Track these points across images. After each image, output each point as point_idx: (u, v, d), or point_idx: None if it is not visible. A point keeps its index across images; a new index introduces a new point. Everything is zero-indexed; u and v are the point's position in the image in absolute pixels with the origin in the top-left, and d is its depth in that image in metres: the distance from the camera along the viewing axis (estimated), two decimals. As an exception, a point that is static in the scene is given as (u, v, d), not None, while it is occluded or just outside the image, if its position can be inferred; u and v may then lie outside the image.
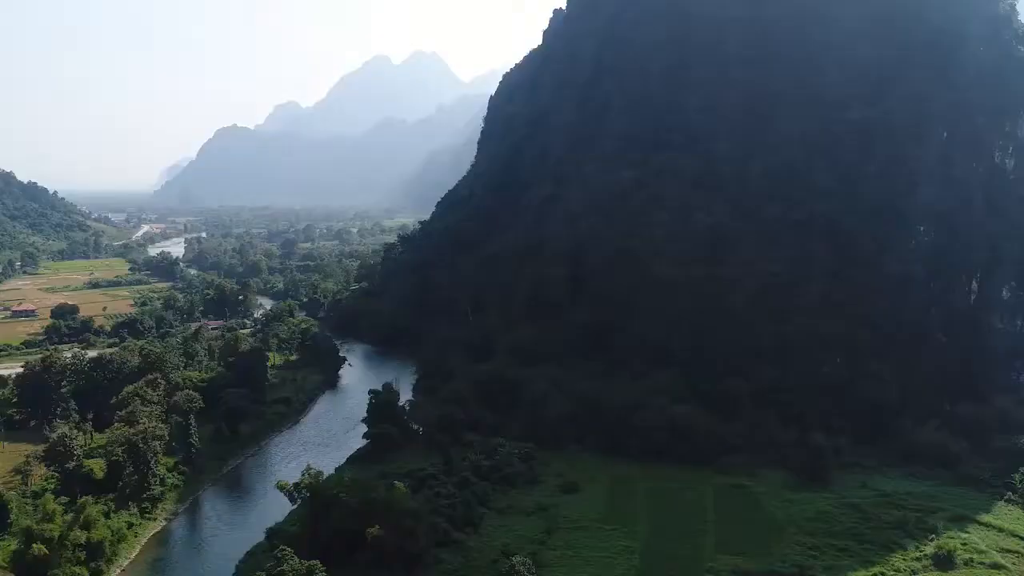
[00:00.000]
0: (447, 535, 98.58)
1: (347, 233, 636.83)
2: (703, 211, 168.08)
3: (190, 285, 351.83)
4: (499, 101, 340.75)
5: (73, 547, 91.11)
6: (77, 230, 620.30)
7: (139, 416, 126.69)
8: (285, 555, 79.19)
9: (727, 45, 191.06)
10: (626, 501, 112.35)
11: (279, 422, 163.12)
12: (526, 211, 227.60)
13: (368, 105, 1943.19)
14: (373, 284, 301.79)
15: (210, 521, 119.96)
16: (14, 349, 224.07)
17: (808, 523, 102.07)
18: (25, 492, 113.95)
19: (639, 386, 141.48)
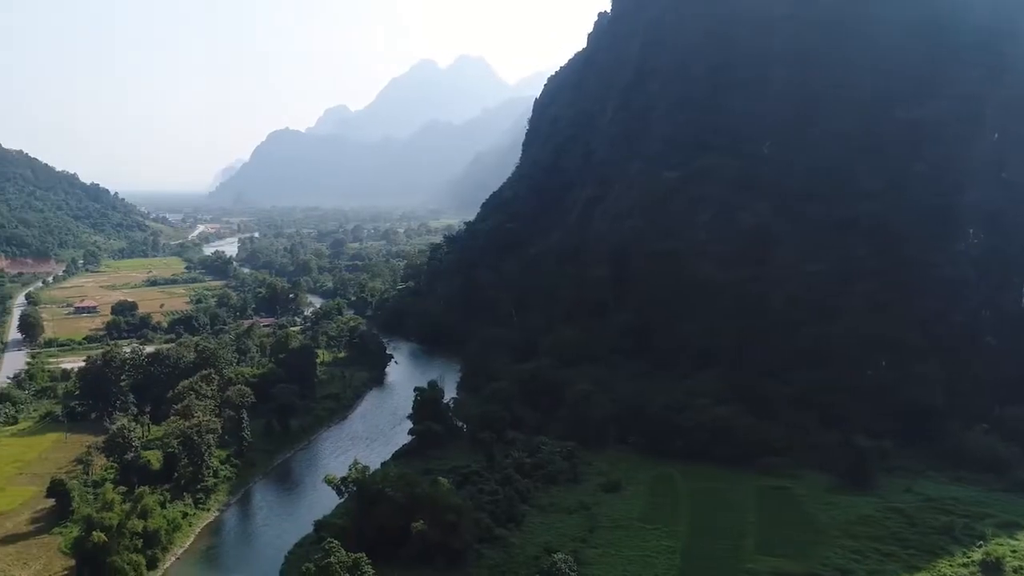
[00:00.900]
0: (490, 531, 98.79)
1: (394, 233, 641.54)
2: (746, 212, 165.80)
3: (243, 283, 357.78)
4: (543, 103, 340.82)
5: (131, 535, 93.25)
6: (136, 230, 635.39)
7: (194, 410, 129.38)
8: (332, 547, 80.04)
9: (771, 45, 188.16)
10: (667, 501, 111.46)
11: (327, 417, 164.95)
12: (569, 212, 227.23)
13: (415, 108, 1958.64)
14: (419, 284, 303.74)
15: (261, 512, 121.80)
16: (77, 344, 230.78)
17: (851, 526, 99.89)
18: (86, 481, 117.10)
19: (681, 387, 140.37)
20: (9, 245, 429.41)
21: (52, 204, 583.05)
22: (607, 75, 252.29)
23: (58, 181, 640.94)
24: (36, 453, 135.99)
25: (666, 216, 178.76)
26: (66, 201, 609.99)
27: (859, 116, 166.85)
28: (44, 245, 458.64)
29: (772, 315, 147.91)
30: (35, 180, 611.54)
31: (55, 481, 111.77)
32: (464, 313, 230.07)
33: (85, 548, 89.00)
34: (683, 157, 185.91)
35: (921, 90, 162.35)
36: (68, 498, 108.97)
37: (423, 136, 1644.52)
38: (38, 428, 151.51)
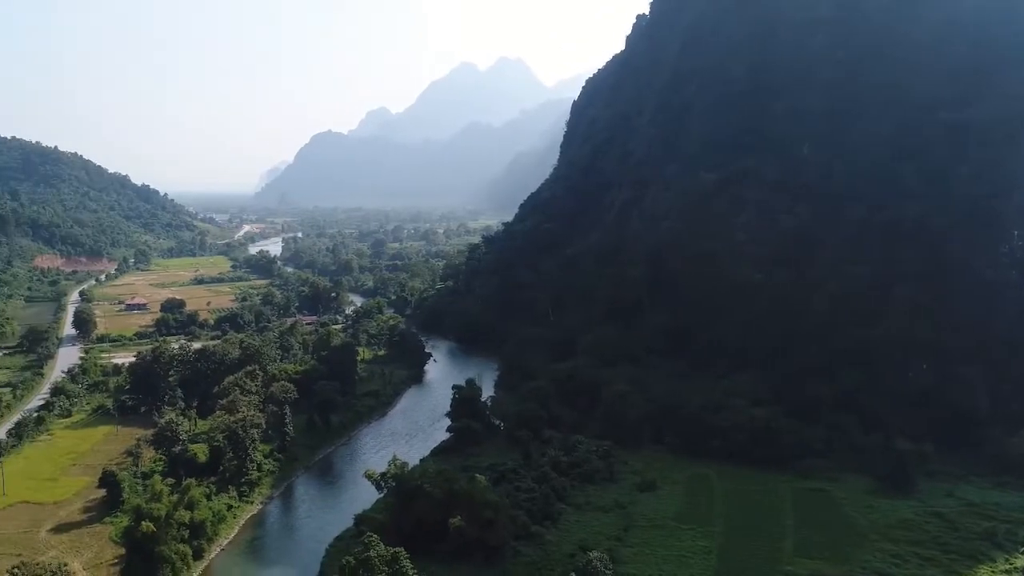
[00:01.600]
0: (526, 528, 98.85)
1: (434, 234, 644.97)
2: (785, 213, 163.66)
3: (286, 282, 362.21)
4: (581, 105, 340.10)
5: (178, 526, 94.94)
6: (184, 229, 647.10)
7: (239, 405, 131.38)
8: (372, 541, 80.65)
9: (812, 46, 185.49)
10: (703, 501, 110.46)
11: (368, 414, 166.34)
12: (607, 213, 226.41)
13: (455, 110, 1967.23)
14: (458, 283, 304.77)
15: (302, 506, 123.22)
16: (127, 340, 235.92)
17: (890, 530, 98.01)
18: (136, 473, 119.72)
19: (718, 387, 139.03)
20: (64, 244, 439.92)
21: (105, 204, 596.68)
22: (645, 77, 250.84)
23: (111, 182, 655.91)
24: (89, 445, 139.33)
25: (704, 217, 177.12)
26: (118, 202, 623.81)
27: (902, 118, 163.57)
28: (97, 244, 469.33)
29: (812, 317, 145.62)
30: (89, 181, 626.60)
31: (106, 472, 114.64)
32: (502, 313, 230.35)
33: (134, 537, 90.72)
34: (722, 158, 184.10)
35: (965, 92, 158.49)
36: (118, 489, 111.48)
37: (463, 138, 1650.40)
38: (91, 421, 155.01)
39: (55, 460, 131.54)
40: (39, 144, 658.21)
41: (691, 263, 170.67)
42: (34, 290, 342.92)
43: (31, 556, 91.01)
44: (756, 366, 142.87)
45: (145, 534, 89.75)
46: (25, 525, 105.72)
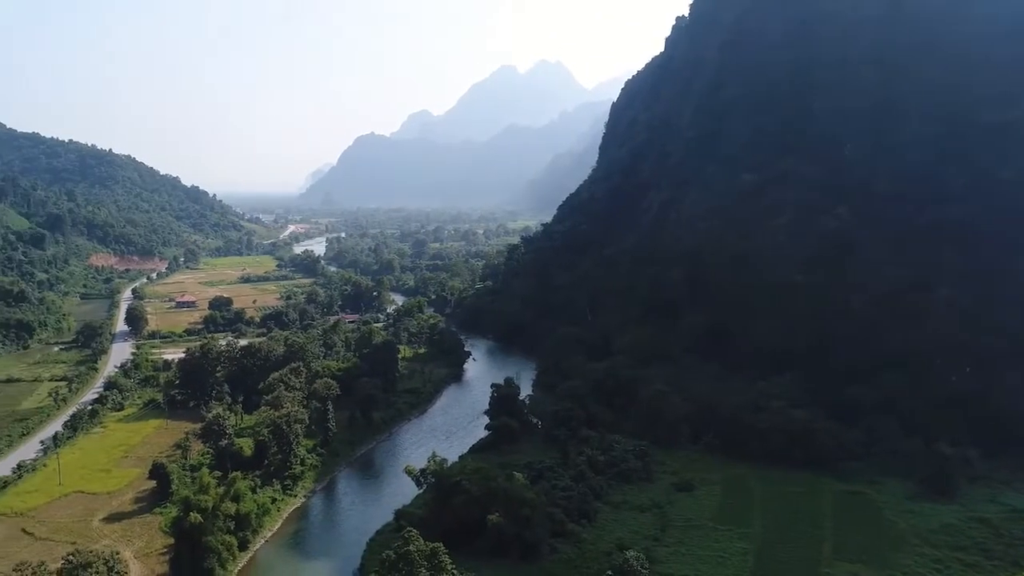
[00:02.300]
0: (563, 526, 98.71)
1: (473, 234, 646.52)
2: (826, 215, 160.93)
3: (330, 281, 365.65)
4: (620, 107, 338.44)
5: (224, 517, 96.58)
6: (232, 229, 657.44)
7: (283, 401, 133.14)
8: (411, 536, 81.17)
9: (855, 47, 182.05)
10: (741, 502, 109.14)
11: (408, 411, 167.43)
12: (645, 214, 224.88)
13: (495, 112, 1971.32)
14: (497, 283, 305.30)
15: (344, 500, 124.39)
16: (177, 336, 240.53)
17: (932, 535, 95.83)
18: (184, 465, 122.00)
19: (756, 388, 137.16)
20: (118, 243, 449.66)
21: (156, 205, 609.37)
22: (684, 79, 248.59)
23: (162, 184, 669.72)
24: (140, 438, 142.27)
25: (743, 218, 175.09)
26: (169, 202, 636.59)
27: (947, 118, 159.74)
28: (149, 243, 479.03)
29: (851, 319, 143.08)
30: (141, 183, 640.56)
31: (156, 464, 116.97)
32: (540, 312, 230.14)
33: (183, 528, 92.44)
34: (761, 159, 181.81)
35: (1010, 93, 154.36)
36: (168, 480, 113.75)
37: (502, 139, 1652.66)
38: (142, 414, 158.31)
39: (108, 452, 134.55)
40: (94, 147, 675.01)
41: (729, 264, 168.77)
42: (89, 287, 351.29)
43: (85, 544, 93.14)
44: (794, 368, 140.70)
45: (193, 525, 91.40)
46: (79, 514, 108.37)
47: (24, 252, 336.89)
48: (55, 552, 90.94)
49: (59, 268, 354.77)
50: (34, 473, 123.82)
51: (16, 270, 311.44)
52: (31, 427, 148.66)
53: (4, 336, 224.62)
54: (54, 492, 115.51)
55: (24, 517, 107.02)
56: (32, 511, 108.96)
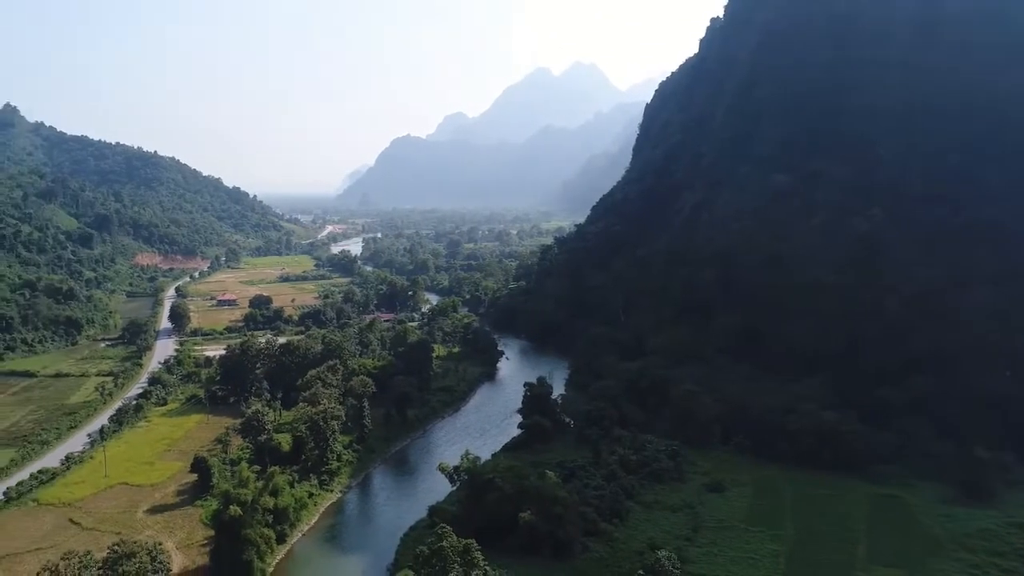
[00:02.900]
0: (594, 525, 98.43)
1: (507, 235, 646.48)
2: (859, 216, 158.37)
3: (366, 281, 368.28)
4: (654, 108, 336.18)
5: (263, 511, 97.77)
6: (272, 230, 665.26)
7: (320, 397, 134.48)
8: (444, 532, 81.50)
9: (890, 46, 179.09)
10: (773, 504, 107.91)
11: (442, 409, 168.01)
12: (678, 214, 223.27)
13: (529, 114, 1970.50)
14: (530, 283, 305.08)
15: (379, 495, 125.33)
16: (218, 334, 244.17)
17: (968, 540, 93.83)
18: (224, 459, 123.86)
19: (788, 390, 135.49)
20: (162, 243, 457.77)
21: (199, 206, 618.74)
22: (718, 80, 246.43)
23: (204, 185, 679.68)
24: (182, 432, 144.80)
25: (776, 219, 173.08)
26: (211, 203, 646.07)
27: (985, 119, 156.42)
28: (192, 243, 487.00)
29: (883, 320, 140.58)
30: (185, 184, 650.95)
31: (198, 458, 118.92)
32: (573, 312, 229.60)
33: (223, 520, 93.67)
34: (795, 160, 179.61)
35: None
36: (209, 474, 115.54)
37: (537, 141, 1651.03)
38: (184, 409, 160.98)
39: (152, 445, 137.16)
40: (140, 149, 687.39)
41: (762, 264, 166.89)
42: (134, 286, 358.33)
43: (129, 534, 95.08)
44: (825, 369, 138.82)
45: (233, 517, 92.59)
46: (124, 505, 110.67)
47: (73, 251, 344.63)
48: (101, 542, 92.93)
49: (106, 267, 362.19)
50: (81, 465, 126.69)
51: (65, 268, 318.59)
52: (79, 420, 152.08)
53: (54, 332, 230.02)
54: (100, 484, 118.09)
55: (72, 507, 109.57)
56: (79, 502, 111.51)
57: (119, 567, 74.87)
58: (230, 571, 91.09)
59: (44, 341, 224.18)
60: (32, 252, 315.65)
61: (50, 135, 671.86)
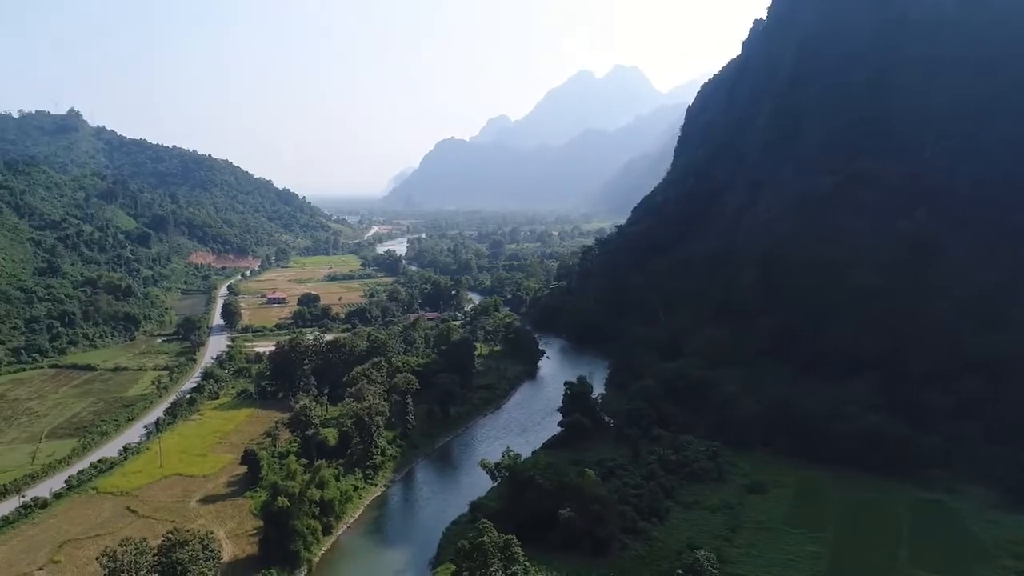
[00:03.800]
0: (633, 523, 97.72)
1: (548, 236, 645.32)
2: (906, 218, 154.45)
3: (410, 280, 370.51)
4: (696, 110, 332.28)
5: (309, 503, 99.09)
6: (320, 230, 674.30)
7: (365, 393, 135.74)
8: (485, 527, 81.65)
9: (940, 46, 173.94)
10: (814, 506, 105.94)
11: (483, 406, 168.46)
12: (720, 216, 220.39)
13: (571, 117, 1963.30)
14: (571, 283, 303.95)
15: (422, 490, 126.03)
16: (268, 330, 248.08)
17: (1016, 547, 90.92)
18: (273, 452, 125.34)
19: (830, 392, 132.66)
20: (215, 242, 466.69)
21: (251, 207, 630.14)
22: (761, 81, 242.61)
23: (256, 186, 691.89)
24: (233, 425, 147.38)
25: (819, 220, 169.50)
26: (262, 204, 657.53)
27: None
28: (244, 243, 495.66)
29: (931, 323, 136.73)
30: (237, 186, 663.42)
31: (248, 451, 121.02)
32: (613, 312, 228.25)
33: (271, 511, 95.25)
34: (839, 162, 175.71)
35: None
36: (258, 466, 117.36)
37: (578, 143, 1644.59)
38: (235, 403, 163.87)
39: (204, 438, 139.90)
40: (195, 152, 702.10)
41: (804, 266, 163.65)
42: (189, 283, 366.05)
43: (182, 523, 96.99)
44: (870, 371, 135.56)
45: (281, 509, 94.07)
46: (178, 495, 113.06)
47: (131, 250, 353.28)
48: (156, 530, 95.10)
49: (162, 265, 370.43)
50: (138, 455, 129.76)
51: (124, 267, 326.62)
52: (136, 413, 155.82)
53: (113, 328, 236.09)
54: (155, 474, 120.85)
55: (129, 496, 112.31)
56: (136, 491, 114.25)
57: (172, 554, 76.44)
58: (278, 560, 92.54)
59: (104, 336, 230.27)
60: (93, 251, 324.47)
61: (111, 139, 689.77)
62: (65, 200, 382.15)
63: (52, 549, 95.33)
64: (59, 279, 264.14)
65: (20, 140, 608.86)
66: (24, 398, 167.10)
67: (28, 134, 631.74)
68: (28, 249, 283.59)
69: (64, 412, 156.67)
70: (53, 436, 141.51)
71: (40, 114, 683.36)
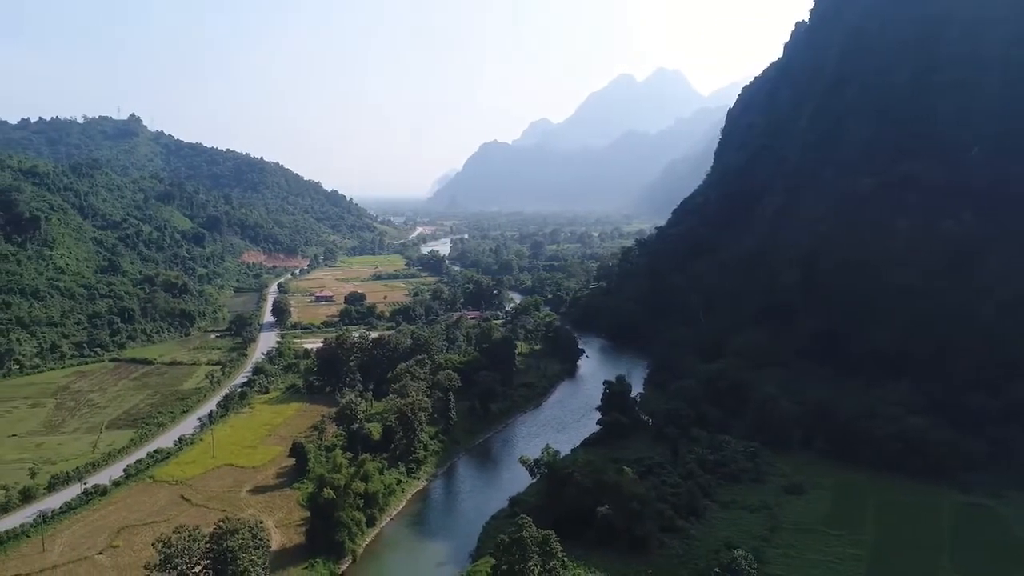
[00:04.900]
0: (671, 522, 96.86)
1: (588, 237, 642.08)
2: (950, 219, 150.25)
3: (453, 280, 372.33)
4: (736, 112, 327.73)
5: (354, 495, 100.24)
6: (366, 230, 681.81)
7: (409, 390, 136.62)
8: (524, 523, 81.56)
9: (984, 46, 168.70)
10: (854, 508, 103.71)
11: (523, 404, 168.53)
12: (760, 218, 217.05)
13: (612, 119, 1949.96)
14: (610, 284, 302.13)
15: (463, 485, 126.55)
16: (316, 328, 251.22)
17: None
18: (320, 445, 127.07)
19: (871, 394, 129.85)
20: (267, 242, 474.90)
21: (300, 208, 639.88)
22: (803, 84, 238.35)
23: (305, 188, 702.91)
24: (282, 419, 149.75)
25: (861, 222, 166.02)
26: (311, 205, 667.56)
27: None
28: (293, 243, 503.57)
29: (976, 326, 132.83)
30: (288, 187, 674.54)
31: (296, 444, 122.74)
32: (652, 313, 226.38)
33: (318, 503, 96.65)
34: (881, 164, 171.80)
35: None
36: (305, 459, 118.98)
37: (619, 146, 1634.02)
38: (284, 398, 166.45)
39: (254, 430, 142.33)
40: (248, 155, 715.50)
41: (846, 268, 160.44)
42: (241, 282, 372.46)
43: (233, 512, 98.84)
44: (911, 374, 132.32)
45: (327, 500, 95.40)
46: (229, 485, 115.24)
47: (187, 249, 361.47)
48: (208, 518, 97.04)
49: (216, 264, 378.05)
50: (192, 446, 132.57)
51: (180, 265, 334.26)
52: (190, 405, 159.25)
53: (169, 324, 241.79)
54: (208, 464, 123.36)
55: (183, 485, 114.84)
56: (190, 480, 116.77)
57: (224, 542, 77.88)
58: (324, 550, 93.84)
59: (161, 332, 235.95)
60: (152, 250, 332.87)
61: (168, 143, 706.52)
62: (125, 201, 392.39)
63: (111, 534, 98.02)
64: (119, 277, 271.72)
65: (84, 144, 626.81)
66: (86, 390, 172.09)
67: (91, 138, 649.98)
68: (91, 248, 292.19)
69: (123, 404, 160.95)
70: (113, 426, 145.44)
71: (103, 119, 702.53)
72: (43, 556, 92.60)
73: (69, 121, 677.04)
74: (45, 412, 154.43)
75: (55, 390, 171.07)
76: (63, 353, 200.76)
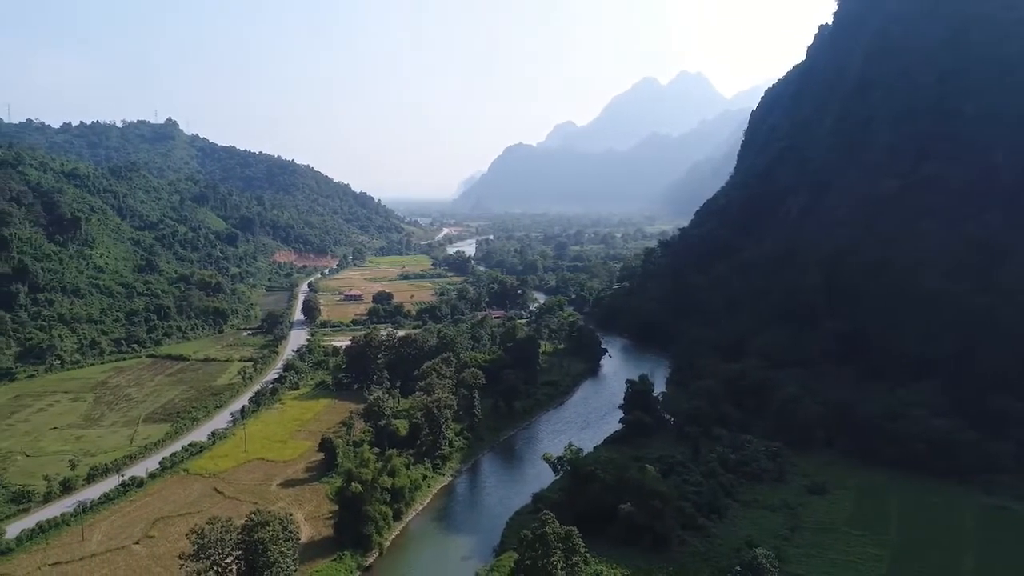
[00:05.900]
0: (692, 520, 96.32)
1: (612, 238, 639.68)
2: (975, 221, 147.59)
3: (478, 280, 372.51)
4: (760, 115, 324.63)
5: (381, 490, 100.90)
6: (394, 231, 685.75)
7: (435, 387, 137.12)
8: (547, 519, 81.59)
9: (1010, 48, 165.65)
10: (876, 509, 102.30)
11: (547, 402, 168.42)
12: (783, 219, 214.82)
13: (636, 122, 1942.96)
14: (633, 284, 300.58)
15: (487, 481, 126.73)
16: (344, 326, 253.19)
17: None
18: (348, 441, 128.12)
19: (894, 396, 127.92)
20: (297, 242, 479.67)
21: (330, 209, 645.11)
22: (826, 86, 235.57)
23: (335, 190, 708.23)
24: (312, 414, 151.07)
25: (885, 224, 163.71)
26: (340, 207, 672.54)
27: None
28: (323, 243, 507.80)
29: (1000, 327, 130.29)
30: (318, 189, 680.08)
31: (325, 439, 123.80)
32: (675, 313, 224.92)
33: (346, 496, 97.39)
34: (905, 166, 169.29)
35: None
36: (334, 453, 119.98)
37: (643, 148, 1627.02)
38: (313, 394, 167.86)
39: (285, 425, 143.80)
40: (279, 158, 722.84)
41: (869, 269, 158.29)
42: (272, 281, 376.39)
43: (264, 505, 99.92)
44: (935, 376, 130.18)
45: (355, 494, 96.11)
46: (260, 479, 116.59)
47: (221, 249, 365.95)
48: (240, 510, 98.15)
49: (248, 263, 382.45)
50: (224, 441, 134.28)
51: (214, 265, 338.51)
52: (223, 401, 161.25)
53: (204, 321, 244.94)
54: (240, 458, 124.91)
55: (216, 478, 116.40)
56: (222, 473, 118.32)
57: (255, 533, 78.77)
58: (351, 543, 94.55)
59: (195, 329, 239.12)
60: (187, 250, 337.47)
61: (203, 146, 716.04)
62: (162, 203, 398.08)
63: (147, 525, 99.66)
64: (156, 276, 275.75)
65: (122, 147, 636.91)
66: (124, 385, 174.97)
67: (130, 141, 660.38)
68: (129, 248, 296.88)
69: (159, 399, 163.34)
70: (149, 420, 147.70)
71: (140, 123, 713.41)
72: (82, 545, 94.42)
73: (108, 125, 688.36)
74: (85, 406, 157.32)
75: (94, 385, 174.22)
76: (102, 349, 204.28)
